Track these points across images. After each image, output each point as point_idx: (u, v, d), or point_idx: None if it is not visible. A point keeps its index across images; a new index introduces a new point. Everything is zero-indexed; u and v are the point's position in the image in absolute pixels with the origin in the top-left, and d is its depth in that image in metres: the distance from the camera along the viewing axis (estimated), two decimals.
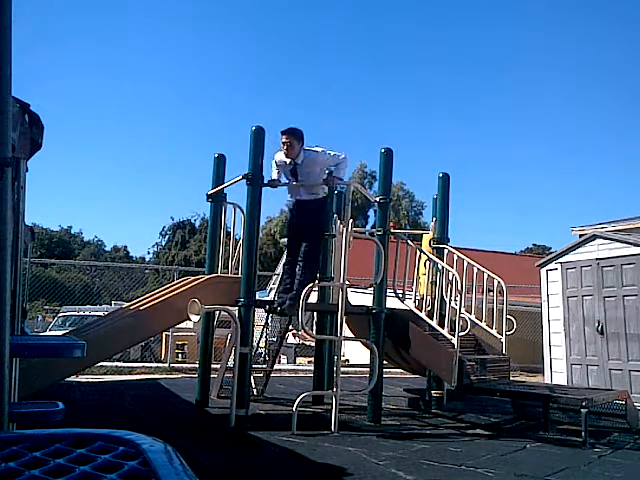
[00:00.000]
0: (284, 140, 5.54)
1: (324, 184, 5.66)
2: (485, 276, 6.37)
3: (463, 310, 5.93)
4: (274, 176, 5.77)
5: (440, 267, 6.31)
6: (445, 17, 61.21)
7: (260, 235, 5.91)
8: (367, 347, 5.74)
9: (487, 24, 60.03)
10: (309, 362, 11.77)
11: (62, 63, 68.51)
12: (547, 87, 62.68)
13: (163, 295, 5.75)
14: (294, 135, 5.56)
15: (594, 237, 7.91)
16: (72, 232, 55.09)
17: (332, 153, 5.64)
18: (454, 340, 5.49)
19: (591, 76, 60.92)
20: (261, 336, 7.53)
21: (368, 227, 27.08)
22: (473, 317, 6.35)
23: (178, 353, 12.21)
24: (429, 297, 6.50)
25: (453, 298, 5.95)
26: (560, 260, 8.19)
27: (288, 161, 5.62)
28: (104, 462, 0.77)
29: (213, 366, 6.55)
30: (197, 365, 6.75)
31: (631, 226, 10.06)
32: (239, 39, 67.98)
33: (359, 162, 39.50)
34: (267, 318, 7.46)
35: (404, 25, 62.27)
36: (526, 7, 60.68)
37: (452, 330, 5.70)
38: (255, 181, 5.39)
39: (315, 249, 5.71)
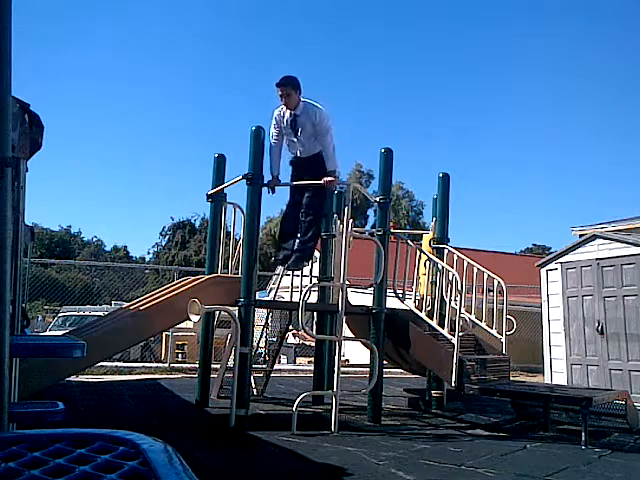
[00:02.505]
0: (280, 93, 5.46)
1: (323, 184, 5.65)
2: (485, 276, 6.37)
3: (463, 310, 5.93)
4: (273, 134, 5.70)
5: (440, 267, 6.31)
6: (446, 17, 61.23)
7: (260, 235, 5.90)
8: (367, 347, 5.74)
9: (488, 25, 60.04)
10: (309, 362, 11.77)
11: (60, 64, 68.51)
12: (547, 87, 62.70)
13: (163, 295, 5.75)
14: (290, 84, 5.46)
15: (594, 237, 7.91)
16: (72, 232, 55.09)
17: (326, 122, 5.56)
18: (454, 340, 5.49)
19: (592, 77, 60.93)
20: (261, 336, 7.52)
21: (368, 227, 27.08)
22: (473, 317, 6.35)
23: (178, 353, 12.20)
24: (429, 297, 6.50)
25: (453, 298, 5.95)
26: (560, 260, 8.19)
27: (287, 114, 5.58)
28: (104, 462, 0.77)
29: (213, 366, 6.55)
30: (197, 365, 6.74)
31: (631, 226, 10.07)
32: (238, 39, 67.99)
33: (355, 162, 39.62)
34: (267, 318, 7.47)
35: (403, 24, 62.29)
36: (527, 8, 60.68)
37: (452, 330, 5.70)
38: (255, 181, 5.39)
39: (318, 199, 5.77)
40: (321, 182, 5.58)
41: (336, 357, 5.49)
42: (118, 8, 65.48)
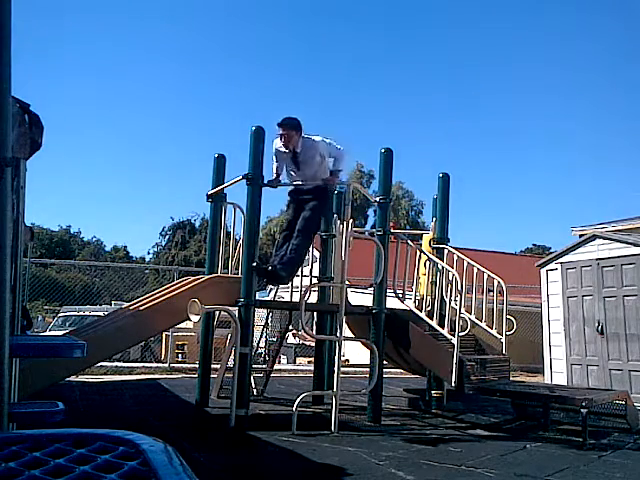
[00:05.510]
0: (281, 132, 5.60)
1: (324, 183, 5.66)
2: (485, 276, 6.37)
3: (463, 310, 5.93)
4: (274, 167, 5.80)
5: (440, 267, 6.31)
6: (445, 16, 61.25)
7: (260, 235, 5.90)
8: (367, 347, 5.74)
9: (488, 21, 60.06)
10: (309, 362, 11.77)
11: (61, 63, 68.52)
12: (547, 86, 62.72)
13: (163, 295, 5.75)
14: (291, 126, 5.61)
15: (594, 237, 7.91)
16: (71, 232, 55.04)
17: (329, 141, 5.72)
18: (454, 340, 5.49)
19: (592, 75, 60.96)
20: (261, 336, 7.53)
21: (368, 227, 27.07)
22: (473, 317, 6.35)
23: (178, 353, 12.20)
24: (429, 297, 6.49)
25: (453, 298, 5.95)
26: (560, 260, 8.19)
27: (288, 150, 5.67)
28: (104, 462, 0.77)
29: (213, 366, 6.55)
30: (197, 365, 6.74)
31: (631, 226, 10.07)
32: (239, 39, 68.02)
33: (356, 162, 39.62)
34: (267, 318, 7.47)
35: (401, 24, 62.31)
36: (527, 5, 60.72)
37: (452, 330, 5.70)
38: (255, 181, 5.39)
39: (313, 222, 5.72)
40: (320, 183, 5.60)
41: (336, 357, 5.49)
42: (120, 5, 65.50)
